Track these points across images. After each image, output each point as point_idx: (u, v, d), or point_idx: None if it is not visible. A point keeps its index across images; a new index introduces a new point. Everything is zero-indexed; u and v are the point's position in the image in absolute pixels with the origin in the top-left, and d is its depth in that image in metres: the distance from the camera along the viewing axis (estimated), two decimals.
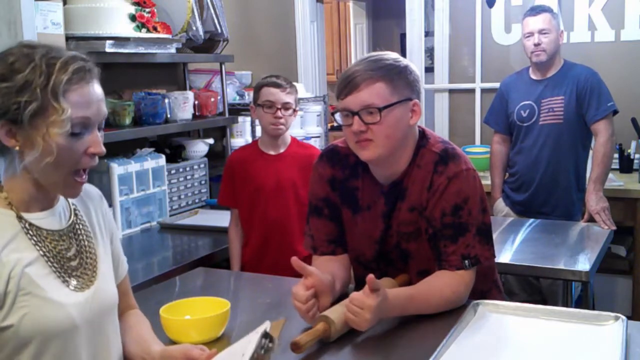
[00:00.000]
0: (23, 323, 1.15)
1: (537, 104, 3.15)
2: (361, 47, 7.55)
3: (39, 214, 1.23)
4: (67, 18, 2.58)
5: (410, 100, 1.66)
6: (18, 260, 1.15)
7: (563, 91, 3.10)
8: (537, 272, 2.50)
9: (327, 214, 1.82)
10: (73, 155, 1.19)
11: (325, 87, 4.88)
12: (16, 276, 1.14)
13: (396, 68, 1.65)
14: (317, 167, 1.85)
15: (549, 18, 3.11)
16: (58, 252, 1.23)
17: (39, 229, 1.21)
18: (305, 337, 1.44)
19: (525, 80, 3.24)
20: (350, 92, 1.62)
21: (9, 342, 1.15)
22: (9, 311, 1.14)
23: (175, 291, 2.04)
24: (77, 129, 1.18)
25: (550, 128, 3.13)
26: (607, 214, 2.95)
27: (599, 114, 3.03)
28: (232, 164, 2.69)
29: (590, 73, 3.10)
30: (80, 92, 1.19)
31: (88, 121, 1.20)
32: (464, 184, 1.66)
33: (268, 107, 2.56)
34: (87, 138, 1.21)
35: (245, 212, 2.66)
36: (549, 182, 3.14)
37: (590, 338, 1.49)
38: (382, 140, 1.63)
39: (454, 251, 1.65)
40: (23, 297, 1.15)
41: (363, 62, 1.65)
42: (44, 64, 1.16)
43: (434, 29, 4.46)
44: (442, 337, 1.45)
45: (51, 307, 1.18)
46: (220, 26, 3.41)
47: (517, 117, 3.21)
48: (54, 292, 1.19)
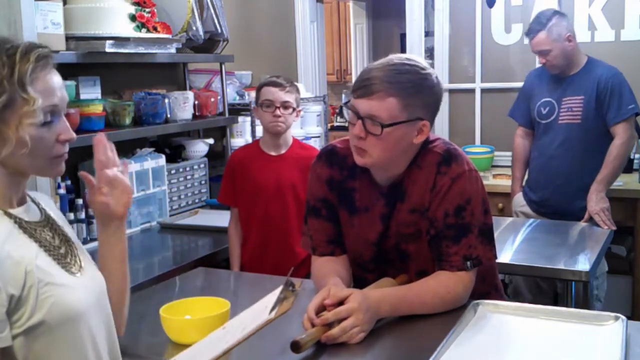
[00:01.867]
0: (52, 312, 1.15)
1: (558, 102, 3.10)
2: (361, 47, 7.55)
3: (20, 209, 1.23)
4: (67, 18, 2.58)
5: (420, 120, 1.62)
6: (26, 255, 1.15)
7: (583, 91, 3.04)
8: (537, 272, 2.50)
9: (325, 215, 1.82)
10: (46, 145, 1.19)
11: (325, 87, 4.88)
12: (32, 270, 1.14)
13: (417, 86, 1.59)
14: (315, 167, 1.84)
15: (543, 38, 3.04)
16: (49, 242, 1.23)
17: (28, 222, 1.21)
18: (305, 337, 1.44)
19: (549, 76, 3.17)
20: (362, 95, 1.59)
21: (41, 336, 1.15)
22: (35, 306, 1.13)
23: (175, 291, 2.04)
24: (48, 117, 1.18)
25: (567, 128, 3.08)
26: (607, 214, 2.93)
27: (618, 116, 2.98)
28: (233, 163, 2.70)
29: (612, 73, 3.03)
30: (44, 79, 1.18)
31: (56, 108, 1.20)
32: (467, 185, 1.66)
33: (267, 105, 2.56)
34: (57, 126, 1.21)
35: (245, 211, 2.66)
36: (564, 183, 3.10)
37: (590, 338, 1.49)
38: (377, 153, 1.62)
39: (456, 252, 1.65)
40: (45, 288, 1.15)
41: (386, 68, 1.59)
42: (3, 55, 1.15)
43: (434, 29, 4.46)
44: (442, 337, 1.45)
45: (70, 292, 1.19)
46: (220, 26, 3.41)
47: (537, 113, 3.18)
48: (63, 279, 1.20)
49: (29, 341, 1.14)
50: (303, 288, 1.36)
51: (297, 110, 2.62)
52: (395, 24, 7.09)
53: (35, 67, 1.16)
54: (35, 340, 1.15)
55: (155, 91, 3.18)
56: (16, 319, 1.12)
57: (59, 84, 1.22)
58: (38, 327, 1.14)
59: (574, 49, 3.07)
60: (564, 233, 2.85)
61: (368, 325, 1.53)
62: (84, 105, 2.67)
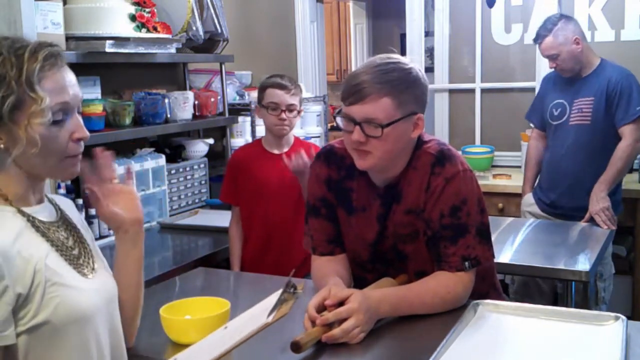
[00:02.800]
0: (57, 313, 1.15)
1: (570, 103, 3.11)
2: (361, 47, 7.55)
3: (36, 207, 1.23)
4: (67, 18, 2.58)
5: (414, 114, 1.64)
6: (36, 253, 1.15)
7: (594, 92, 3.05)
8: (537, 272, 2.50)
9: (324, 214, 1.82)
10: (58, 143, 1.19)
11: (325, 87, 4.88)
12: (41, 269, 1.14)
13: (405, 82, 1.61)
14: (314, 167, 1.84)
15: (549, 43, 3.06)
16: (62, 242, 1.23)
17: (41, 222, 1.21)
18: (305, 337, 1.44)
19: (563, 79, 3.18)
20: (355, 102, 1.59)
21: (45, 335, 1.15)
22: (40, 304, 1.13)
23: (175, 291, 2.04)
24: (58, 116, 1.18)
25: (577, 129, 3.09)
26: (608, 214, 2.93)
27: (627, 118, 2.98)
28: (235, 161, 2.69)
29: (622, 75, 3.03)
30: (54, 78, 1.18)
31: (67, 106, 1.19)
32: (462, 185, 1.66)
33: (272, 109, 2.55)
34: (69, 124, 1.20)
35: (247, 210, 2.66)
36: (573, 184, 3.10)
37: (590, 338, 1.49)
38: (381, 153, 1.62)
39: (454, 252, 1.65)
40: (51, 288, 1.15)
41: (372, 70, 1.60)
42: (12, 55, 1.15)
43: (434, 29, 4.46)
44: (442, 337, 1.45)
45: (78, 294, 1.19)
46: (220, 26, 3.41)
47: (550, 115, 3.20)
48: (73, 280, 1.20)
49: (31, 340, 1.14)
50: (304, 289, 1.35)
51: (300, 111, 2.63)
52: (395, 24, 7.09)
53: (43, 66, 1.16)
54: (38, 340, 1.14)
55: (155, 91, 3.18)
56: (21, 316, 1.13)
57: (71, 81, 1.22)
58: (42, 327, 1.14)
59: (583, 51, 3.07)
60: (564, 233, 2.85)
61: (368, 325, 1.53)
62: (84, 105, 2.66)
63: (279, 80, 2.59)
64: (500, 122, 4.27)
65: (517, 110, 4.05)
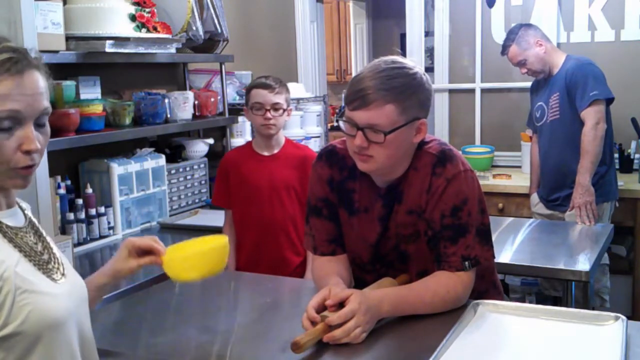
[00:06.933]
0: (29, 320, 1.11)
1: (546, 103, 3.27)
2: (361, 47, 7.55)
3: (3, 212, 1.19)
4: (67, 18, 2.58)
5: (417, 119, 1.63)
6: (4, 262, 1.11)
7: (558, 88, 3.21)
8: (537, 272, 2.50)
9: (326, 214, 1.82)
10: (4, 152, 1.12)
11: (325, 87, 4.88)
12: (10, 277, 1.10)
13: (410, 88, 1.60)
14: (316, 167, 1.84)
15: (514, 51, 3.27)
16: (30, 247, 1.19)
17: (8, 227, 1.17)
18: (305, 337, 1.44)
19: (541, 82, 3.36)
20: (359, 108, 1.58)
21: (16, 345, 1.11)
22: (9, 313, 1.10)
23: (175, 291, 2.04)
24: (6, 123, 1.11)
25: (552, 125, 3.25)
26: (589, 209, 3.02)
27: (583, 103, 3.09)
28: (226, 164, 2.69)
29: (578, 64, 3.17)
30: (5, 83, 1.11)
31: (18, 114, 1.12)
32: (463, 185, 1.66)
33: (257, 109, 2.56)
34: (18, 134, 1.13)
35: (239, 213, 2.66)
36: (557, 177, 3.26)
37: (590, 338, 1.49)
38: (382, 158, 1.62)
39: (454, 252, 1.65)
40: (22, 296, 1.11)
41: (377, 75, 1.58)
42: None
43: (434, 29, 4.46)
44: (442, 337, 1.45)
45: (51, 299, 1.16)
46: (220, 26, 3.41)
47: (534, 118, 3.38)
48: (44, 286, 1.16)
49: (2, 350, 1.10)
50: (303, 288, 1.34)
51: (287, 110, 2.61)
52: (395, 24, 7.09)
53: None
54: (10, 350, 1.11)
55: (155, 91, 3.18)
56: None
57: (31, 90, 1.14)
58: (14, 336, 1.10)
59: (548, 52, 3.24)
60: (564, 233, 2.85)
61: (369, 325, 1.53)
62: (84, 105, 2.66)
63: (262, 80, 2.60)
64: (500, 122, 4.28)
65: (517, 110, 4.06)
